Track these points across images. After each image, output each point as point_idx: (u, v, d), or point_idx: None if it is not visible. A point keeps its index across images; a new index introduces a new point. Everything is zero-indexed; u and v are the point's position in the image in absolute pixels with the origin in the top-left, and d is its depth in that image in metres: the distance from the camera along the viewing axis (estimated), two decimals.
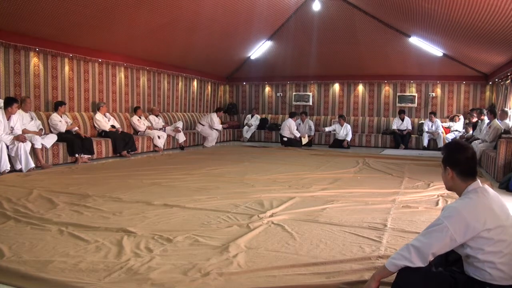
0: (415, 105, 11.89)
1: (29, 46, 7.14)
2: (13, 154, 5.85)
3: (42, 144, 6.35)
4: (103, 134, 8.10)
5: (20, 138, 5.89)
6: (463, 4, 5.94)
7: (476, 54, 9.13)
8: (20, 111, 6.45)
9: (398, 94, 12.08)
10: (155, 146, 9.15)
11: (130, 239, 2.86)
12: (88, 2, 6.41)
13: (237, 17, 8.95)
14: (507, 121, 7.70)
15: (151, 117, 9.70)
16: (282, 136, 10.87)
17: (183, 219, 3.43)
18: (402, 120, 11.23)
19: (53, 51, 7.63)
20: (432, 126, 10.76)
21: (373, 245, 2.80)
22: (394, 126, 11.26)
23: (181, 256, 2.56)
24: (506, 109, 8.15)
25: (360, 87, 12.51)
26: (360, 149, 10.57)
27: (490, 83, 10.92)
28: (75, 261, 2.44)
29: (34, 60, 7.35)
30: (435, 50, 10.03)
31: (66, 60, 8.00)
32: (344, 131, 11.10)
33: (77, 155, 6.96)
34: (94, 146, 7.40)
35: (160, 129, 9.52)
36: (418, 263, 1.78)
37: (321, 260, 2.50)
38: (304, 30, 10.37)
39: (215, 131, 10.91)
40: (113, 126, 8.32)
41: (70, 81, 8.11)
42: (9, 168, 5.74)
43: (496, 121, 7.15)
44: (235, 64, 12.84)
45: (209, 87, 13.29)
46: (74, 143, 6.93)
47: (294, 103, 13.17)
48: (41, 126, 6.88)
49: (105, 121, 8.26)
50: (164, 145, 9.42)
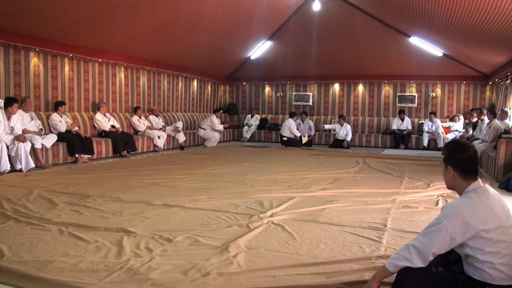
0: (415, 105, 11.89)
1: (29, 46, 7.14)
2: (13, 154, 5.85)
3: (42, 144, 6.35)
4: (103, 134, 8.10)
5: (20, 138, 5.89)
6: (463, 4, 5.94)
7: (476, 54, 9.13)
8: (20, 111, 6.46)
9: (398, 94, 12.08)
10: (155, 146, 9.15)
11: (130, 239, 2.86)
12: (88, 2, 6.41)
13: (237, 17, 8.95)
14: (507, 121, 7.70)
15: (151, 117, 9.70)
16: (282, 136, 10.88)
17: (183, 219, 3.43)
18: (402, 120, 11.23)
19: (53, 51, 7.63)
20: (432, 126, 10.76)
21: (373, 245, 2.80)
22: (394, 126, 11.26)
23: (181, 256, 2.56)
24: (506, 109, 8.15)
25: (360, 87, 12.51)
26: (360, 149, 10.57)
27: (490, 83, 10.92)
28: (75, 261, 2.44)
29: (34, 60, 7.35)
30: (435, 50, 10.03)
31: (66, 60, 8.00)
32: (344, 131, 11.10)
33: (77, 155, 6.96)
34: (94, 146, 7.40)
35: (160, 129, 9.52)
36: (418, 263, 1.78)
37: (321, 260, 2.50)
38: (304, 30, 10.37)
39: (217, 133, 10.91)
40: (113, 126, 8.32)
41: (70, 81, 8.11)
42: (9, 168, 5.74)
43: (496, 121, 7.16)
44: (235, 64, 12.84)
45: (209, 87, 13.29)
46: (74, 143, 6.93)
47: (294, 103, 13.17)
48: (41, 126, 6.88)
49: (105, 121, 8.26)
50: (164, 145, 9.42)
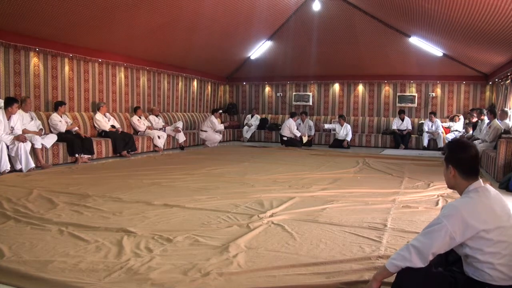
0: (415, 105, 11.89)
1: (29, 46, 7.14)
2: (13, 154, 5.85)
3: (42, 144, 6.35)
4: (103, 134, 8.09)
5: (20, 138, 5.89)
6: (463, 4, 5.93)
7: (476, 54, 9.13)
8: (20, 111, 6.46)
9: (398, 94, 12.07)
10: (155, 146, 9.15)
11: (130, 239, 2.86)
12: (88, 2, 6.41)
13: (237, 17, 8.95)
14: (507, 121, 7.70)
15: (151, 117, 9.70)
16: (282, 136, 10.89)
17: (183, 219, 3.43)
18: (402, 120, 11.23)
19: (53, 51, 7.63)
20: (432, 126, 10.76)
21: (373, 245, 2.80)
22: (394, 126, 11.26)
23: (181, 256, 2.56)
24: (506, 109, 8.15)
25: (360, 87, 12.51)
26: (360, 149, 10.57)
27: (490, 83, 10.92)
28: (75, 261, 2.44)
29: (34, 60, 7.35)
30: (435, 50, 10.03)
31: (66, 60, 8.00)
32: (344, 131, 11.10)
33: (77, 155, 6.96)
34: (94, 146, 7.40)
35: (160, 129, 9.52)
36: (418, 264, 1.77)
37: (321, 260, 2.50)
38: (304, 30, 10.37)
39: (219, 135, 10.90)
40: (113, 126, 8.32)
41: (70, 81, 8.11)
42: (9, 168, 5.74)
43: (496, 121, 7.16)
44: (235, 64, 12.84)
45: (209, 87, 13.29)
46: (74, 143, 6.93)
47: (294, 103, 13.17)
48: (41, 126, 6.88)
49: (105, 121, 8.26)
50: (164, 145, 9.42)
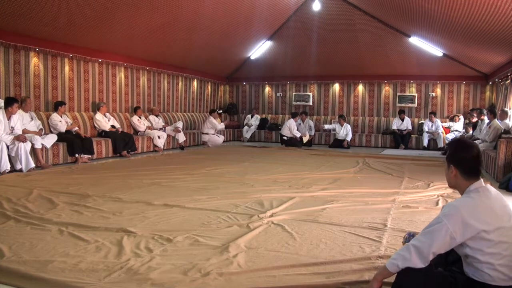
0: (415, 105, 11.89)
1: (29, 46, 7.14)
2: (13, 154, 5.85)
3: (42, 144, 6.35)
4: (103, 134, 8.09)
5: (20, 138, 5.89)
6: (463, 4, 5.93)
7: (476, 54, 9.13)
8: (20, 111, 6.46)
9: (398, 94, 12.07)
10: (155, 146, 9.15)
11: (130, 239, 2.86)
12: (88, 2, 6.41)
13: (237, 17, 8.95)
14: (507, 121, 7.70)
15: (151, 117, 9.70)
16: (282, 136, 10.89)
17: (183, 219, 3.43)
18: (402, 120, 11.23)
19: (53, 51, 7.63)
20: (432, 126, 10.76)
21: (373, 245, 2.80)
22: (394, 126, 11.25)
23: (181, 256, 2.56)
24: (506, 109, 8.15)
25: (360, 87, 12.51)
26: (360, 149, 10.57)
27: (490, 83, 10.92)
28: (75, 261, 2.44)
29: (34, 60, 7.35)
30: (435, 50, 10.02)
31: (66, 60, 8.00)
32: (344, 131, 11.10)
33: (77, 155, 6.96)
34: (94, 146, 7.40)
35: (160, 129, 9.52)
36: (419, 264, 1.77)
37: (321, 260, 2.50)
38: (304, 30, 10.37)
39: (220, 138, 10.90)
40: (113, 126, 8.32)
41: (70, 81, 8.11)
42: (9, 168, 5.74)
43: (496, 121, 7.16)
44: (235, 64, 12.84)
45: (209, 87, 13.29)
46: (74, 143, 6.93)
47: (294, 103, 13.17)
48: (41, 126, 6.88)
49: (105, 121, 8.26)
50: (164, 145, 9.42)
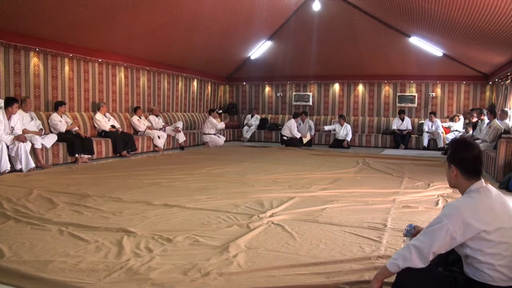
0: (415, 105, 11.89)
1: (29, 46, 7.14)
2: (13, 154, 5.85)
3: (42, 144, 6.35)
4: (103, 134, 8.09)
5: (20, 138, 5.89)
6: (463, 4, 5.93)
7: (476, 54, 9.13)
8: (20, 111, 6.46)
9: (398, 94, 12.07)
10: (155, 146, 9.15)
11: (130, 239, 2.86)
12: (88, 2, 6.41)
13: (237, 17, 8.95)
14: (507, 121, 7.70)
15: (151, 117, 9.70)
16: (283, 136, 10.89)
17: (183, 219, 3.43)
18: (402, 120, 11.23)
19: (53, 51, 7.63)
20: (432, 126, 10.75)
21: (373, 245, 2.80)
22: (394, 126, 11.25)
23: (181, 256, 2.56)
24: (506, 109, 8.15)
25: (360, 87, 12.51)
26: (360, 149, 10.57)
27: (490, 83, 10.92)
28: (75, 261, 2.44)
29: (34, 60, 7.35)
30: (435, 50, 10.02)
31: (66, 60, 8.00)
32: (344, 131, 11.10)
33: (77, 155, 6.96)
34: (94, 146, 7.40)
35: (160, 129, 9.52)
36: (419, 264, 1.77)
37: (321, 260, 2.50)
38: (304, 30, 10.37)
39: (222, 139, 10.91)
40: (113, 126, 8.32)
41: (70, 81, 8.11)
42: (9, 168, 5.74)
43: (496, 121, 7.15)
44: (235, 64, 12.84)
45: (209, 87, 13.29)
46: (74, 143, 6.93)
47: (294, 103, 13.17)
48: (41, 126, 6.88)
49: (105, 121, 8.26)
50: (164, 145, 9.42)
